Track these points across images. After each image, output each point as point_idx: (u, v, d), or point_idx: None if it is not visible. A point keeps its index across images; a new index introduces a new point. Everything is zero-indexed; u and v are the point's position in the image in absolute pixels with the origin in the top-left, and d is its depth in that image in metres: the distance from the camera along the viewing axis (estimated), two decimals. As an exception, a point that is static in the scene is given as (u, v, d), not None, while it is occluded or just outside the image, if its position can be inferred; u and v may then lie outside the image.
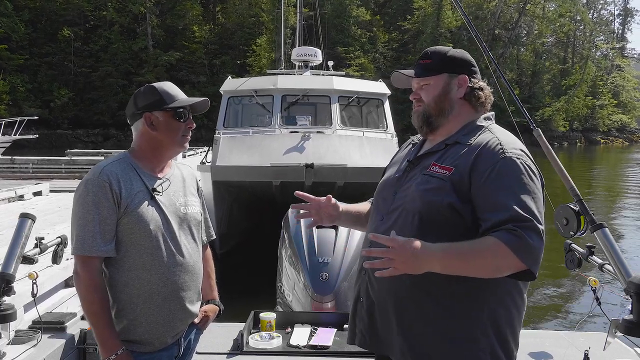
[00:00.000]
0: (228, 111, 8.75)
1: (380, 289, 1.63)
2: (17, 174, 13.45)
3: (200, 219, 1.96)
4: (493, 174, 1.51)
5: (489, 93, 1.73)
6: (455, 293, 1.53)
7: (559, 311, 6.68)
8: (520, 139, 1.70)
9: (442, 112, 1.68)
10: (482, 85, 1.72)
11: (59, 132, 39.02)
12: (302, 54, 11.68)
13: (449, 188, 1.54)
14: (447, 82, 1.69)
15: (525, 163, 1.54)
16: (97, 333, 1.72)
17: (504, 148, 1.55)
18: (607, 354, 2.51)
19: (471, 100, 1.69)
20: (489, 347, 1.54)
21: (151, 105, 1.82)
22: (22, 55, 39.48)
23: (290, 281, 3.68)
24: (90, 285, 1.71)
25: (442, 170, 1.58)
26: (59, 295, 4.27)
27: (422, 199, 1.57)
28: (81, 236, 1.71)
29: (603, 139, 57.50)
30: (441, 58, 1.71)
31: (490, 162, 1.53)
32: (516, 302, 1.59)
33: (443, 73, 1.69)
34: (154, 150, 1.85)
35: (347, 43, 45.66)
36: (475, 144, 1.59)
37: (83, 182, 1.76)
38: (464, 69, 1.71)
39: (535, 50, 55.91)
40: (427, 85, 1.70)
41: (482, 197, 1.51)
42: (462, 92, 1.69)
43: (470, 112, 1.70)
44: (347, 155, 7.30)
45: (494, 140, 1.59)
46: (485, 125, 1.67)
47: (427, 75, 1.70)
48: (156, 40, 43.74)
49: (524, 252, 1.42)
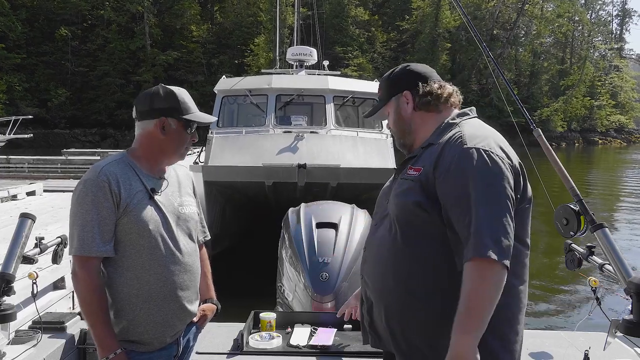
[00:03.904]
0: (222, 111, 8.72)
1: (374, 289, 1.68)
2: (12, 173, 13.42)
3: (197, 219, 1.97)
4: (451, 170, 1.52)
5: (446, 91, 1.74)
6: (445, 291, 1.54)
7: (559, 311, 6.69)
8: (521, 138, 1.70)
9: (404, 131, 1.77)
10: (432, 88, 1.73)
11: (56, 132, 38.96)
12: (297, 53, 11.61)
13: (418, 188, 1.58)
14: (396, 105, 1.77)
15: (485, 152, 1.52)
16: (95, 333, 1.71)
17: (464, 140, 1.56)
18: (607, 354, 2.51)
19: (426, 107, 1.73)
20: (483, 344, 1.52)
21: (169, 110, 1.83)
22: (19, 54, 39.36)
23: (291, 282, 3.68)
24: (89, 285, 1.71)
25: (413, 172, 1.62)
26: (47, 297, 4.26)
27: (396, 202, 1.63)
28: (80, 236, 1.71)
29: (601, 139, 57.56)
30: (384, 86, 1.82)
31: (449, 157, 1.55)
32: (513, 295, 1.59)
33: (391, 99, 1.78)
34: (155, 153, 1.86)
35: (346, 43, 45.65)
36: (443, 141, 1.61)
37: (82, 182, 1.76)
38: (403, 84, 1.76)
39: (533, 51, 55.94)
40: (388, 114, 1.81)
41: (444, 197, 1.53)
42: (411, 106, 1.74)
43: (432, 116, 1.73)
44: (340, 155, 7.26)
45: (457, 134, 1.60)
46: (458, 122, 1.68)
47: (378, 108, 1.83)
48: (154, 40, 43.68)
49: (482, 251, 1.42)
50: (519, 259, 1.60)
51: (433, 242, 1.56)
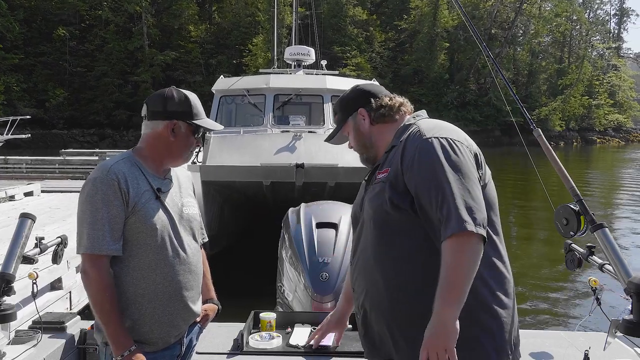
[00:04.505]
0: (220, 110, 8.70)
1: (366, 297, 1.72)
2: (10, 174, 13.40)
3: (199, 220, 1.99)
4: (415, 159, 1.61)
5: (398, 100, 1.84)
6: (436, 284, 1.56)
7: (559, 311, 6.68)
8: (520, 138, 1.72)
9: (366, 146, 1.85)
10: (383, 101, 1.83)
11: (54, 132, 38.87)
12: (295, 53, 11.60)
13: (388, 187, 1.65)
14: (353, 123, 1.86)
15: (444, 139, 1.61)
16: (109, 332, 1.71)
17: (422, 132, 1.65)
18: (607, 354, 2.51)
19: (382, 119, 1.82)
20: (479, 325, 1.58)
21: (181, 114, 1.85)
22: (17, 54, 39.27)
23: (292, 283, 3.68)
24: (101, 284, 1.71)
25: (382, 175, 1.70)
26: (44, 297, 4.27)
27: (370, 206, 1.70)
28: (90, 235, 1.70)
29: (599, 138, 57.65)
30: (340, 108, 1.91)
31: (411, 149, 1.64)
32: (496, 273, 1.63)
33: (347, 119, 1.87)
34: (162, 154, 1.87)
35: (344, 43, 45.64)
36: (403, 139, 1.71)
37: (90, 181, 1.75)
38: (357, 103, 1.85)
39: (531, 50, 56.02)
40: (348, 134, 1.90)
41: (414, 187, 1.59)
42: (368, 121, 1.84)
43: (389, 126, 1.83)
44: (338, 155, 7.23)
45: (415, 129, 1.70)
46: (414, 122, 1.77)
47: (337, 130, 1.92)
48: (152, 40, 43.60)
49: (459, 225, 1.48)
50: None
51: (414, 239, 1.61)
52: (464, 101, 47.98)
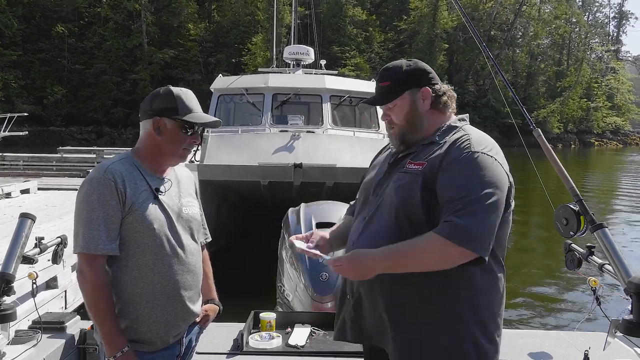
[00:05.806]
0: (219, 109, 8.67)
1: (366, 282, 1.68)
2: (7, 171, 13.37)
3: (200, 220, 1.98)
4: (454, 164, 1.58)
5: (451, 93, 1.77)
6: (431, 283, 1.58)
7: (559, 311, 6.69)
8: (518, 140, 1.73)
9: (415, 128, 1.73)
10: (444, 88, 1.76)
11: (52, 129, 38.83)
12: (295, 52, 11.57)
13: (420, 181, 1.60)
14: (411, 99, 1.72)
15: (492, 158, 1.59)
16: (103, 332, 1.71)
17: (472, 144, 1.61)
18: (607, 354, 2.51)
19: (438, 107, 1.74)
20: (470, 335, 1.59)
21: (163, 110, 1.81)
22: (15, 51, 39.26)
23: (292, 283, 3.68)
24: (96, 283, 1.70)
25: (415, 166, 1.64)
26: (40, 296, 4.24)
27: (398, 195, 1.64)
28: (86, 234, 1.70)
29: (597, 141, 57.76)
30: (399, 77, 1.74)
31: (457, 155, 1.59)
32: (493, 286, 1.64)
33: (405, 92, 1.72)
34: (154, 154, 1.86)
35: (343, 43, 45.67)
36: (447, 141, 1.65)
37: (87, 181, 1.75)
38: (422, 80, 1.74)
39: (530, 52, 56.12)
40: (395, 107, 1.74)
41: (440, 184, 1.58)
42: (428, 103, 1.73)
43: (439, 117, 1.75)
44: (337, 155, 7.22)
45: (465, 137, 1.64)
46: (460, 126, 1.72)
47: (390, 99, 1.74)
48: (151, 38, 43.57)
49: (460, 239, 1.48)
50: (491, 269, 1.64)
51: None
52: (463, 102, 47.97)
